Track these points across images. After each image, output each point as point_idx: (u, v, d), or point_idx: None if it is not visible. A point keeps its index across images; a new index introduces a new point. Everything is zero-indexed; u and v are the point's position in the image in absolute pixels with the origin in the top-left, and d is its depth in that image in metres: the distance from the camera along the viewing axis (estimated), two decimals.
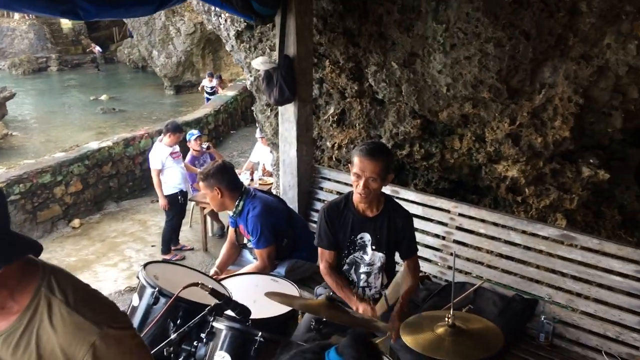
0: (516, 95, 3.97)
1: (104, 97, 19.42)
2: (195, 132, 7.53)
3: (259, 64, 4.01)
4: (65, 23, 28.17)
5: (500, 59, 3.75)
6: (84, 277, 6.49)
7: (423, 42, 4.06)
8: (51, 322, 1.29)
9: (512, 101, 3.99)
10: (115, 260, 7.06)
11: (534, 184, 4.25)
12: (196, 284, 2.24)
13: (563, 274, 3.30)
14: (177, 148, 6.82)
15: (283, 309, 2.79)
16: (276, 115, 4.71)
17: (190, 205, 7.68)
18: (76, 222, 8.27)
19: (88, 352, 1.28)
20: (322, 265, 3.10)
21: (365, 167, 2.78)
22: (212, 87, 15.18)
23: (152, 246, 7.34)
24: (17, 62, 24.85)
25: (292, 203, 4.32)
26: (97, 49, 27.63)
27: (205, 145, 7.56)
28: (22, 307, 1.29)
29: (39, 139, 14.47)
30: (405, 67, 4.24)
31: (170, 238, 6.99)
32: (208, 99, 14.79)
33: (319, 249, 3.13)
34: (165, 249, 6.94)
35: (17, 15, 27.70)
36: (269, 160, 7.35)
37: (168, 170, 6.67)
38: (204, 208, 6.92)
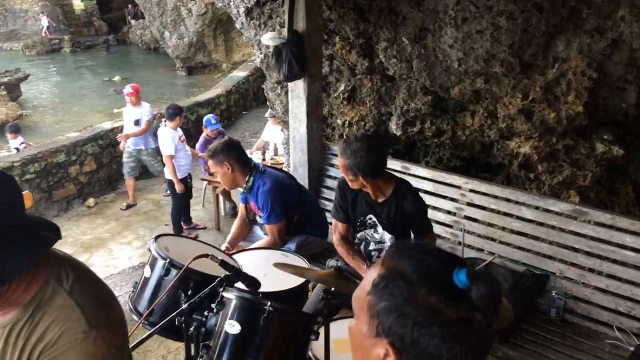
0: (529, 70, 3.93)
1: (116, 78, 19.41)
2: (213, 122, 7.45)
3: (268, 39, 3.98)
4: (78, 4, 28.15)
5: (513, 33, 3.70)
6: (100, 254, 6.58)
7: (434, 17, 4.01)
8: (52, 311, 1.27)
9: (525, 76, 3.94)
10: (129, 239, 7.13)
11: (546, 160, 4.22)
12: (206, 255, 2.26)
13: (575, 250, 3.28)
14: (181, 131, 6.84)
15: (293, 283, 2.81)
16: (286, 93, 4.69)
17: (203, 184, 7.72)
18: (91, 201, 8.34)
19: (61, 342, 1.25)
20: (335, 237, 3.18)
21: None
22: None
23: (166, 225, 7.39)
24: (31, 43, 24.87)
25: (303, 180, 4.32)
26: (44, 19, 25.75)
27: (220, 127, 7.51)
28: (30, 296, 1.28)
29: (53, 119, 14.54)
30: (416, 42, 4.20)
31: (179, 218, 7.03)
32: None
33: (333, 221, 3.19)
34: (177, 230, 6.99)
35: None
36: (280, 139, 7.35)
37: (178, 155, 6.71)
38: (216, 187, 6.95)
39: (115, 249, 6.79)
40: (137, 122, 7.79)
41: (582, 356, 2.89)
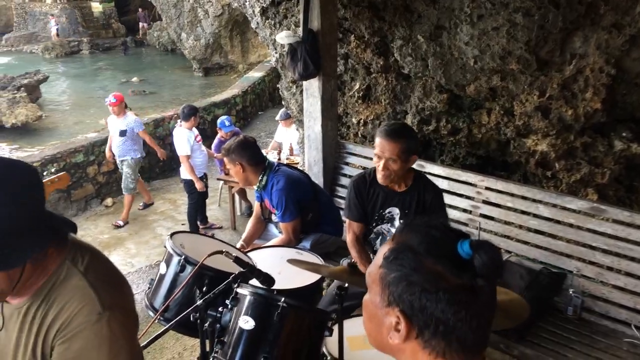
0: (546, 67, 3.89)
1: (134, 79, 19.62)
2: (227, 123, 7.47)
3: (283, 37, 4.00)
4: (96, 7, 28.49)
5: (529, 29, 3.67)
6: (118, 253, 6.65)
7: (450, 14, 3.99)
8: (66, 292, 1.30)
9: (542, 73, 3.90)
10: (147, 238, 7.19)
11: (564, 158, 4.18)
12: (220, 252, 2.28)
13: (593, 248, 3.24)
14: (196, 131, 6.88)
15: (308, 280, 2.82)
16: (302, 92, 4.70)
17: (219, 184, 7.76)
18: (109, 200, 8.43)
19: (75, 322, 1.27)
20: (349, 237, 3.16)
21: (384, 148, 2.81)
22: None
23: (182, 224, 7.45)
24: (50, 45, 25.26)
25: (318, 178, 4.32)
26: (53, 22, 25.88)
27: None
28: (46, 278, 1.31)
29: (72, 120, 14.72)
30: (431, 40, 4.19)
31: (195, 218, 7.08)
32: None
33: (347, 220, 3.18)
34: (194, 229, 7.03)
35: (49, 0, 28.15)
36: (294, 139, 7.36)
37: (194, 154, 6.75)
38: (232, 187, 6.99)
39: (133, 248, 6.86)
40: (122, 133, 7.34)
41: (600, 355, 2.86)
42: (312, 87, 4.22)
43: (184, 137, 6.64)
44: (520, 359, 2.93)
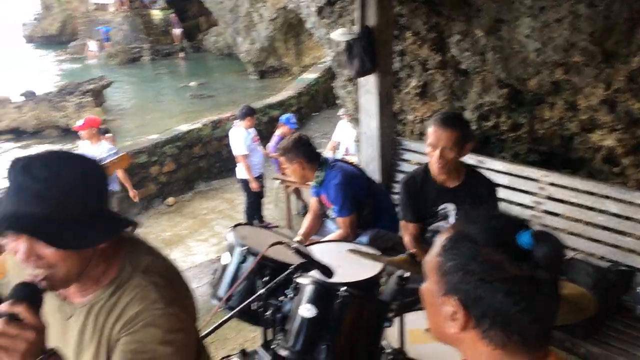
0: (611, 59, 3.75)
1: (192, 84, 20.14)
2: (292, 120, 7.58)
3: (339, 35, 4.03)
4: (156, 14, 29.39)
5: (594, 20, 3.55)
6: (179, 250, 6.87)
7: (509, 7, 3.91)
8: (129, 291, 1.36)
9: (607, 65, 3.77)
10: (206, 236, 7.39)
11: (632, 153, 4.01)
12: (281, 242, 2.32)
13: None
14: (254, 131, 6.99)
15: (366, 275, 2.82)
16: (357, 90, 4.72)
17: (275, 184, 7.88)
18: (170, 200, 8.71)
19: (139, 318, 1.32)
20: (406, 238, 3.14)
21: (439, 137, 2.75)
22: None
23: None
24: (114, 52, 26.28)
25: (374, 175, 4.31)
26: (92, 44, 27.48)
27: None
28: (108, 279, 1.37)
29: (135, 123, 15.29)
30: (490, 34, 4.12)
31: (253, 216, 7.20)
32: None
33: (402, 222, 3.16)
34: None
35: (111, 8, 29.26)
36: (351, 139, 7.37)
37: (251, 154, 6.87)
38: (288, 187, 7.07)
39: (193, 246, 7.07)
40: None
41: None
42: (369, 84, 4.23)
43: (241, 137, 6.78)
44: (588, 358, 2.84)
